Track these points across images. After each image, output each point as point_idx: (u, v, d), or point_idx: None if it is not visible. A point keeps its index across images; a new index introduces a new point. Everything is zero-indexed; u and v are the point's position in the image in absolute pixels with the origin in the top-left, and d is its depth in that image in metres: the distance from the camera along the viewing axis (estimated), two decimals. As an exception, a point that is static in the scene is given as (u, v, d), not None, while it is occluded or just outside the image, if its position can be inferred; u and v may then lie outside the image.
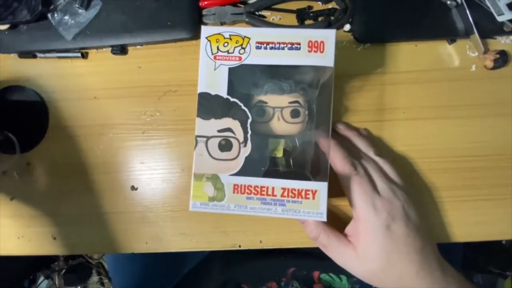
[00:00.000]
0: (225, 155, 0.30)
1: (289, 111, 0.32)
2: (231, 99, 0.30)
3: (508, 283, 0.85)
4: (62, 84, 0.41)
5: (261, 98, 0.32)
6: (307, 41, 0.30)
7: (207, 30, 0.31)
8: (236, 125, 0.30)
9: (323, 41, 0.30)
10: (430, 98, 0.39)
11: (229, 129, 0.30)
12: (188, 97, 0.40)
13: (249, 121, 0.30)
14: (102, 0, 0.40)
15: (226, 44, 0.30)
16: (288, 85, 0.32)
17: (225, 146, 0.30)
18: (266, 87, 0.32)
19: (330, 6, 0.39)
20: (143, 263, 0.57)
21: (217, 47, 0.30)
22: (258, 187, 0.29)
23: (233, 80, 0.30)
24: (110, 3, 0.40)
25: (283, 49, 0.30)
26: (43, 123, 0.41)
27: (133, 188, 0.40)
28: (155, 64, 0.41)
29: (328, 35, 0.30)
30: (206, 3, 0.39)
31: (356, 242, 0.32)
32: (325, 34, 0.30)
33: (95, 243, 0.40)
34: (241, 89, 0.31)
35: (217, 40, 0.31)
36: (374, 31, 0.39)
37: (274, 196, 0.29)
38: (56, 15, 0.39)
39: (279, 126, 0.32)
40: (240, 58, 0.30)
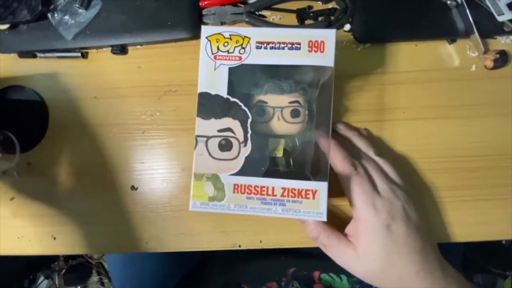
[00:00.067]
0: (225, 155, 0.30)
1: (289, 111, 0.32)
2: (231, 99, 0.30)
3: (508, 283, 0.85)
4: (62, 84, 0.41)
5: (261, 98, 0.32)
6: (307, 41, 0.30)
7: (207, 30, 0.31)
8: (236, 125, 0.30)
9: (323, 41, 0.30)
10: (430, 98, 0.39)
11: (229, 129, 0.30)
12: (188, 97, 0.40)
13: (249, 121, 0.30)
14: (102, 0, 0.40)
15: (226, 44, 0.30)
16: (288, 85, 0.32)
17: (225, 146, 0.30)
18: (266, 87, 0.32)
19: (330, 6, 0.39)
20: (143, 263, 0.57)
21: (217, 47, 0.30)
22: (258, 187, 0.29)
23: (233, 80, 0.30)
24: (110, 3, 0.40)
25: (283, 49, 0.30)
26: (43, 123, 0.41)
27: (133, 188, 0.40)
28: (155, 64, 0.41)
29: (328, 35, 0.30)
30: (206, 3, 0.39)
31: (356, 242, 0.32)
32: (325, 34, 0.30)
33: (95, 243, 0.40)
34: (241, 89, 0.31)
35: (217, 40, 0.31)
36: (374, 31, 0.39)
37: (274, 196, 0.29)
38: (56, 15, 0.39)
39: (279, 126, 0.32)
40: (240, 58, 0.30)
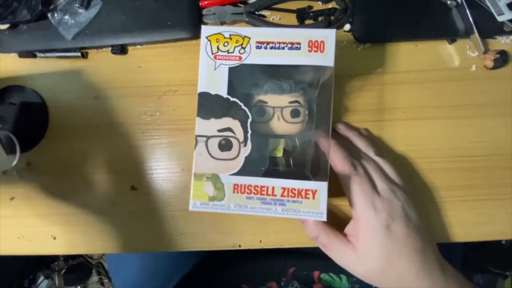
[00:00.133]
0: (225, 154, 0.30)
1: (289, 111, 0.32)
2: (231, 99, 0.30)
3: (508, 283, 0.85)
4: (62, 84, 0.42)
5: (261, 98, 0.32)
6: (307, 40, 0.30)
7: (207, 29, 0.31)
8: (236, 125, 0.30)
9: (323, 41, 0.30)
10: (430, 98, 0.39)
11: (229, 129, 0.30)
12: (188, 97, 0.40)
13: (249, 120, 0.30)
14: (102, 0, 0.40)
15: (226, 44, 0.30)
16: (288, 85, 0.32)
17: (225, 145, 0.30)
18: (266, 87, 0.32)
19: (330, 6, 0.39)
20: (143, 263, 0.57)
21: (217, 46, 0.30)
22: (258, 186, 0.29)
23: (233, 80, 0.30)
24: (110, 3, 0.40)
25: (283, 48, 0.30)
26: (43, 123, 0.41)
27: (133, 188, 0.40)
28: (155, 64, 0.41)
29: (328, 35, 0.30)
30: (206, 3, 0.39)
31: (356, 242, 0.32)
32: (325, 34, 0.30)
33: (95, 243, 0.40)
34: (241, 88, 0.31)
35: (217, 40, 0.30)
36: (374, 31, 0.39)
37: (274, 195, 0.29)
38: (56, 14, 0.39)
39: (279, 126, 0.32)
40: (240, 58, 0.30)
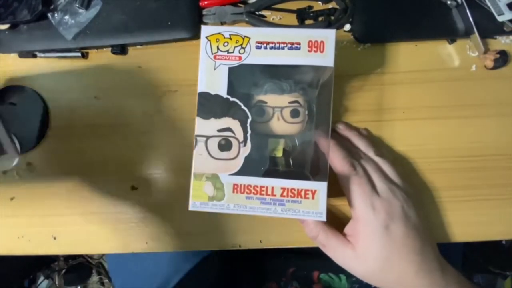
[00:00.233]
0: (224, 154, 0.30)
1: (289, 111, 0.32)
2: (231, 99, 0.30)
3: (508, 283, 0.85)
4: (62, 84, 0.41)
5: (261, 98, 0.32)
6: (307, 41, 0.30)
7: (207, 29, 0.31)
8: (235, 125, 0.30)
9: (323, 41, 0.30)
10: (430, 98, 0.39)
11: (228, 129, 0.30)
12: (188, 97, 0.40)
13: (249, 120, 0.30)
14: (102, 0, 0.40)
15: (226, 44, 0.30)
16: (288, 85, 0.32)
17: (225, 145, 0.30)
18: (266, 87, 0.32)
19: (330, 6, 0.39)
20: (143, 263, 0.57)
21: (217, 46, 0.30)
22: (257, 186, 0.29)
23: (233, 80, 0.30)
24: (110, 3, 0.40)
25: (283, 49, 0.30)
26: (43, 123, 0.41)
27: (133, 188, 0.40)
28: (155, 64, 0.41)
29: (328, 35, 0.30)
30: (206, 3, 0.39)
31: (355, 241, 0.32)
32: (325, 34, 0.30)
33: (95, 243, 0.40)
34: (241, 88, 0.31)
35: (217, 40, 0.31)
36: (374, 31, 0.39)
37: (274, 195, 0.29)
38: (56, 15, 0.39)
39: (278, 126, 0.32)
40: (240, 58, 0.30)
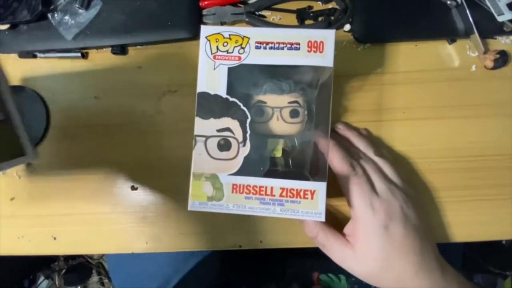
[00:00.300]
0: (224, 154, 0.30)
1: (288, 111, 0.32)
2: (230, 99, 0.30)
3: (508, 283, 0.85)
4: (62, 84, 0.42)
5: (260, 98, 0.32)
6: (307, 41, 0.30)
7: (206, 29, 0.31)
8: (235, 125, 0.30)
9: (322, 41, 0.30)
10: (430, 98, 0.39)
11: (228, 129, 0.30)
12: (188, 97, 0.40)
13: (248, 120, 0.30)
14: (102, 0, 0.40)
15: (225, 44, 0.30)
16: (288, 85, 0.32)
17: (224, 145, 0.30)
18: (265, 87, 0.32)
19: (330, 6, 0.39)
20: (143, 263, 0.57)
21: (217, 46, 0.30)
22: (257, 186, 0.29)
23: (232, 80, 0.30)
24: (110, 3, 0.40)
25: (282, 49, 0.30)
26: (43, 123, 0.41)
27: (133, 188, 0.40)
28: (155, 64, 0.41)
29: (328, 35, 0.30)
30: (206, 3, 0.39)
31: (354, 241, 0.32)
32: (325, 34, 0.30)
33: (95, 243, 0.40)
34: (240, 88, 0.31)
35: (217, 40, 0.31)
36: (374, 31, 0.39)
37: (273, 196, 0.29)
38: (56, 15, 0.39)
39: (278, 126, 0.32)
40: (240, 58, 0.30)
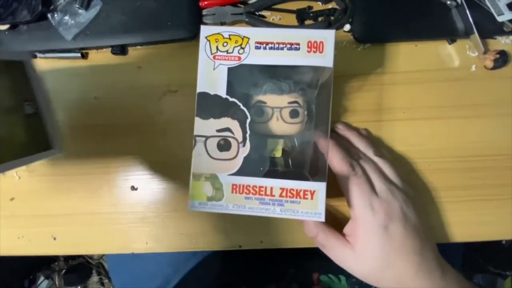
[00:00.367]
0: (223, 155, 0.30)
1: (288, 111, 0.32)
2: (230, 99, 0.30)
3: (508, 283, 0.85)
4: (62, 84, 0.41)
5: (260, 98, 0.32)
6: (307, 41, 0.30)
7: (206, 29, 0.31)
8: (235, 125, 0.30)
9: (322, 42, 0.30)
10: (430, 98, 0.39)
11: (228, 129, 0.30)
12: (188, 97, 0.40)
13: (248, 121, 0.30)
14: (102, 0, 0.40)
15: (225, 44, 0.30)
16: (287, 85, 0.32)
17: (224, 146, 0.30)
18: (265, 87, 0.32)
19: (330, 6, 0.39)
20: (143, 263, 0.57)
21: (217, 46, 0.30)
22: (256, 187, 0.29)
23: (232, 80, 0.30)
24: (110, 3, 0.40)
25: (282, 49, 0.30)
26: (43, 123, 0.41)
27: (133, 188, 0.40)
28: (155, 64, 0.41)
29: (328, 35, 0.30)
30: (206, 3, 0.39)
31: (354, 242, 0.32)
32: (325, 34, 0.30)
33: (95, 243, 0.41)
34: (240, 89, 0.31)
35: (217, 40, 0.31)
36: (374, 31, 0.39)
37: (273, 196, 0.29)
38: (56, 15, 0.39)
39: (278, 126, 0.32)
40: (239, 58, 0.30)
